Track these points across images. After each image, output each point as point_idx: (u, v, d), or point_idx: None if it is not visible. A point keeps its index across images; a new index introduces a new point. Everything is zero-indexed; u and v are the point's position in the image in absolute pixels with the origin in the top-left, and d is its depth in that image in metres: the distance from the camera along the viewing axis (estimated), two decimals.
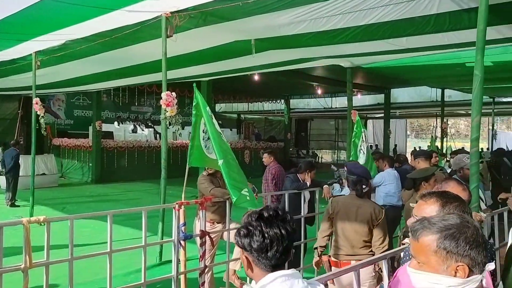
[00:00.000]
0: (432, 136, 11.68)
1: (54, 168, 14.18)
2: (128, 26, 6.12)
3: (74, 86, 11.78)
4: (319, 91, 17.32)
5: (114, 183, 14.50)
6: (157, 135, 17.34)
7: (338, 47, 6.72)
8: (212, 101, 19.80)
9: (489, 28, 5.73)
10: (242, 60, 7.75)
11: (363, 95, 18.68)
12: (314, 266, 3.47)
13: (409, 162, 6.67)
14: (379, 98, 18.78)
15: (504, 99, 17.94)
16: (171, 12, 5.27)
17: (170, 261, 5.88)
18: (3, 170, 10.33)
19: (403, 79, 12.35)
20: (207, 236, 3.73)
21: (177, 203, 3.52)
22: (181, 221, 3.58)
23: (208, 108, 3.77)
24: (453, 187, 2.07)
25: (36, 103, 7.97)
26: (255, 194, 3.99)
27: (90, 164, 15.17)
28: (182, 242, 3.59)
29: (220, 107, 24.26)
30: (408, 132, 40.61)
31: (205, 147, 3.67)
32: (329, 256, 3.34)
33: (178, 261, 3.58)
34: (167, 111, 5.63)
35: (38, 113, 8.05)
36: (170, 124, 5.94)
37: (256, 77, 13.53)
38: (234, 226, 4.22)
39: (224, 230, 4.12)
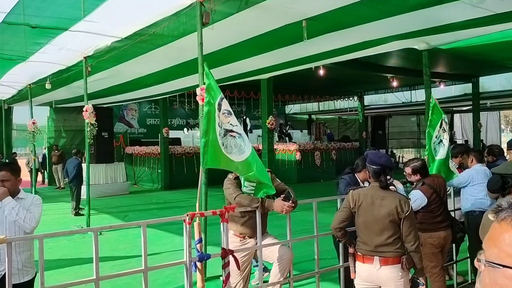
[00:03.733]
0: None
1: (123, 176, 14.36)
2: (165, 19, 5.66)
3: (128, 92, 11.70)
4: (395, 84, 15.78)
5: (182, 189, 14.34)
6: None
7: (406, 20, 5.58)
8: (279, 101, 19.13)
9: None
10: (296, 49, 6.91)
11: (447, 85, 16.75)
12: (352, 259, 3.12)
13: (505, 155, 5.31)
14: (466, 88, 16.75)
15: None
16: None
17: (214, 278, 5.25)
18: (66, 179, 10.46)
19: (493, 60, 10.56)
20: (230, 256, 2.95)
21: (188, 215, 2.79)
22: (196, 237, 2.85)
23: (221, 96, 2.98)
24: None
25: (86, 111, 7.77)
26: (290, 202, 3.17)
27: (159, 171, 15.21)
28: (199, 264, 2.85)
29: (290, 108, 23.46)
30: (503, 126, 36.56)
31: (223, 145, 2.88)
32: (355, 249, 3.09)
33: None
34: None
35: (86, 121, 7.83)
36: None
37: (321, 72, 12.54)
38: (269, 241, 3.39)
39: (255, 247, 3.30)
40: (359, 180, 3.88)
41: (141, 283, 5.22)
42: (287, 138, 17.90)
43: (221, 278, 5.17)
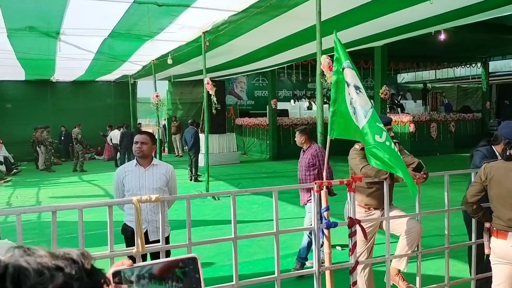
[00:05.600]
0: None
1: (234, 146, 15.06)
2: None
3: (241, 66, 12.04)
4: None
5: (289, 160, 14.55)
6: None
7: None
8: (391, 70, 18.14)
9: None
10: (418, 11, 6.42)
11: None
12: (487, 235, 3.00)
13: None
14: None
15: None
16: None
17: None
18: (186, 147, 11.27)
19: None
20: (357, 225, 2.94)
21: (316, 183, 2.83)
22: (323, 205, 2.88)
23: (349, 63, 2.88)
24: None
25: (208, 83, 8.22)
26: (422, 173, 3.02)
27: (268, 142, 15.61)
28: (325, 231, 2.90)
29: (402, 77, 22.12)
30: None
31: (354, 114, 2.81)
32: (491, 224, 2.94)
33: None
34: (328, 77, 4.97)
35: (210, 92, 8.29)
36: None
37: (442, 37, 11.54)
38: (396, 213, 3.30)
39: (382, 218, 3.24)
40: (497, 153, 3.54)
41: (260, 247, 5.51)
42: (399, 109, 17.01)
43: (337, 247, 5.22)
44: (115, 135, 14.93)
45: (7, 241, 3.43)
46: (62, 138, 16.73)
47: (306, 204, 4.64)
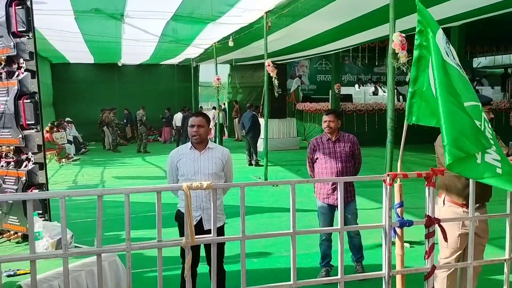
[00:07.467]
0: None
1: (294, 131, 14.71)
2: None
3: (305, 50, 11.58)
4: None
5: None
6: (400, 96, 15.75)
7: None
8: (467, 53, 16.72)
9: None
10: None
11: None
12: None
13: None
14: None
15: None
16: None
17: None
18: (243, 131, 11.09)
19: None
20: (436, 225, 2.53)
21: (388, 175, 2.46)
22: (397, 200, 2.51)
23: (442, 36, 2.43)
24: None
25: (268, 65, 7.93)
26: None
27: None
28: (398, 230, 2.53)
29: (478, 61, 20.37)
30: None
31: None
32: None
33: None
34: (400, 57, 4.50)
35: (270, 74, 8.01)
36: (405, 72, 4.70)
37: None
38: (485, 212, 2.83)
39: (466, 218, 2.79)
40: None
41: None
42: None
43: (406, 244, 4.78)
44: (178, 118, 15.17)
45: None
46: (125, 120, 17.42)
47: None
